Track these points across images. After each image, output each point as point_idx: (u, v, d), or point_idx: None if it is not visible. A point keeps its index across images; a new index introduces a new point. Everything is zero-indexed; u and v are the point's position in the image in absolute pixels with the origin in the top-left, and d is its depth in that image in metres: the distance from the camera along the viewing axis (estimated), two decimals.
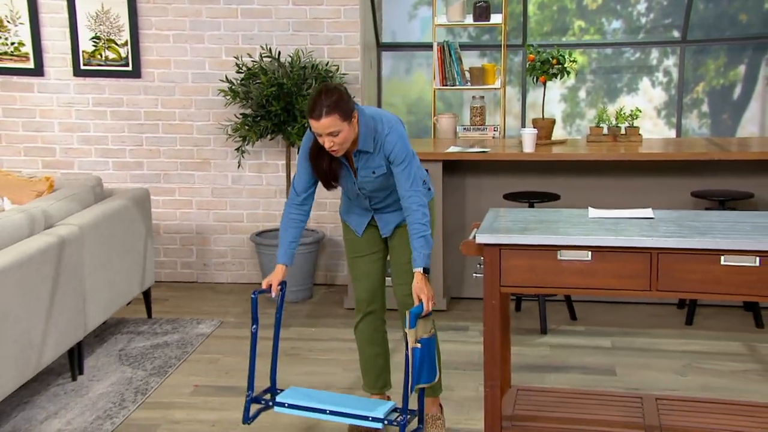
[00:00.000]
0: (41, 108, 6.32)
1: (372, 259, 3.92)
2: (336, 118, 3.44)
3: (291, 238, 3.75)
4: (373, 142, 3.61)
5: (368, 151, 3.62)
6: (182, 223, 6.39)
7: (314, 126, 3.48)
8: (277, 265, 3.73)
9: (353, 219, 3.92)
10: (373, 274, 3.93)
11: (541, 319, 5.29)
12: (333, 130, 3.45)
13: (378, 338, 3.99)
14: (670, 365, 4.75)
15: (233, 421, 4.13)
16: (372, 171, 3.67)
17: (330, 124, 3.44)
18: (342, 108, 3.45)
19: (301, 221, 3.76)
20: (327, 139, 3.48)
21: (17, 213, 4.36)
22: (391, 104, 6.76)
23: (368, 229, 3.91)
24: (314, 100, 3.46)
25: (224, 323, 5.53)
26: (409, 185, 3.59)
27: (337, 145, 3.50)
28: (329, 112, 3.42)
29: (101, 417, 4.19)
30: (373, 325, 3.97)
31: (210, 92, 6.20)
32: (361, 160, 3.66)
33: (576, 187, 5.71)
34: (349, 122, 3.49)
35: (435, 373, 3.64)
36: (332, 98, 3.45)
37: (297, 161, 3.78)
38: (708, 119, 6.65)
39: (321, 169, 3.67)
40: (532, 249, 3.18)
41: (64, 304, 4.41)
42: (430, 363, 3.60)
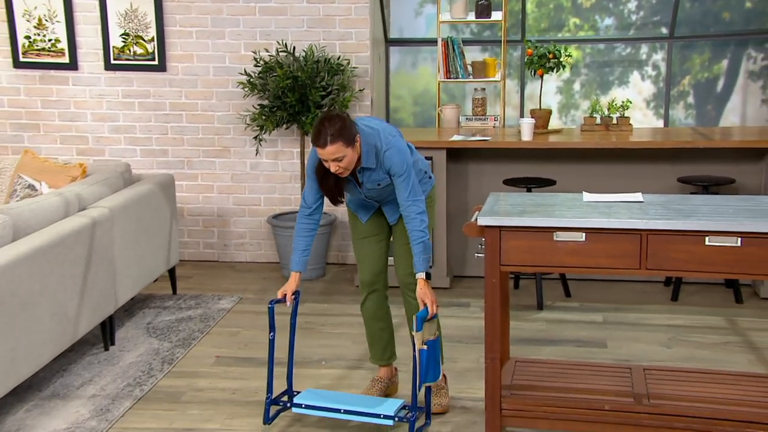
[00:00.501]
0: (75, 100, 6.33)
1: (375, 241, 3.91)
2: (340, 146, 3.42)
3: (303, 247, 3.75)
4: (375, 159, 3.59)
5: (371, 168, 3.61)
6: (204, 206, 6.41)
7: (320, 153, 3.46)
8: (291, 273, 3.75)
9: (360, 211, 3.91)
10: (375, 255, 3.92)
11: (537, 296, 5.29)
12: (338, 156, 3.44)
13: (382, 314, 4.00)
14: (657, 338, 4.76)
15: (252, 389, 4.16)
16: (377, 183, 3.67)
17: (335, 151, 3.42)
18: (345, 135, 3.42)
19: (312, 230, 3.76)
20: (333, 165, 3.48)
21: (54, 196, 4.38)
22: (398, 96, 6.75)
23: (372, 216, 3.91)
24: (318, 129, 3.43)
25: (243, 299, 5.55)
26: (407, 195, 3.57)
27: (342, 169, 3.50)
28: (333, 141, 3.40)
29: (131, 384, 4.22)
30: (377, 303, 3.98)
31: (230, 84, 6.19)
32: (365, 175, 3.65)
33: (571, 173, 5.71)
34: (353, 147, 3.47)
35: (439, 371, 3.68)
36: (335, 126, 3.41)
37: (306, 174, 3.75)
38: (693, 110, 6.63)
39: (327, 186, 3.66)
40: (530, 231, 3.19)
41: (97, 281, 4.43)
42: (435, 362, 3.63)
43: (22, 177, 5.03)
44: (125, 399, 4.05)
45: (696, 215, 3.16)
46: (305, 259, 3.76)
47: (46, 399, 4.07)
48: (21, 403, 4.03)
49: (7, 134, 6.40)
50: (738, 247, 3.04)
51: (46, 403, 4.03)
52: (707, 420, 3.20)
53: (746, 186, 5.57)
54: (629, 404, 3.29)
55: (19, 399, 4.07)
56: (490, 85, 6.34)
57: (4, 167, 5.38)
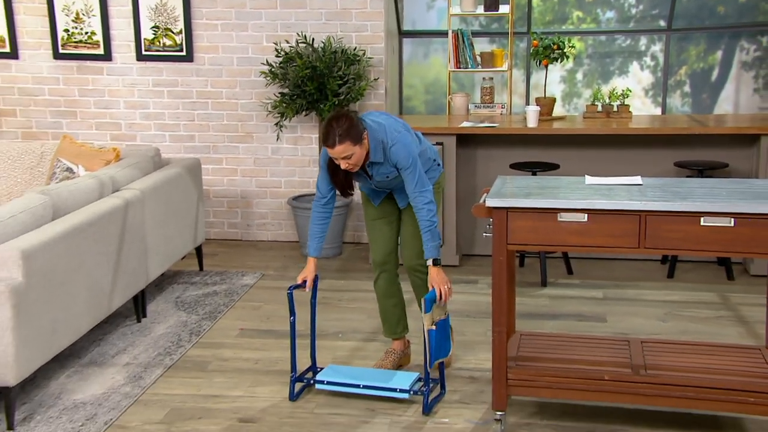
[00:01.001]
0: (109, 88, 6.34)
1: (386, 223, 3.91)
2: (348, 144, 3.42)
3: (319, 234, 3.77)
4: (382, 153, 3.58)
5: (379, 162, 3.60)
6: (228, 188, 6.42)
7: (329, 152, 3.46)
8: (308, 259, 3.75)
9: (371, 195, 3.91)
10: (386, 237, 3.92)
11: (541, 273, 5.29)
12: (346, 154, 3.44)
13: (394, 291, 4.01)
14: (653, 313, 4.75)
15: (273, 359, 4.18)
16: (386, 176, 3.67)
17: (343, 150, 3.42)
18: (352, 134, 3.41)
19: (327, 218, 3.76)
20: (342, 162, 3.48)
21: (89, 179, 4.39)
22: (411, 85, 6.72)
23: (384, 200, 3.91)
24: (327, 129, 3.42)
25: (265, 276, 5.57)
26: (414, 186, 3.56)
27: (351, 165, 3.51)
28: (341, 140, 3.40)
29: (162, 353, 4.26)
30: (389, 281, 3.98)
31: (252, 74, 6.19)
32: (374, 169, 3.65)
33: (574, 158, 5.68)
34: (360, 144, 3.46)
35: (449, 346, 3.70)
36: (343, 127, 3.40)
37: (319, 169, 3.73)
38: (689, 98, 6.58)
39: (338, 179, 3.67)
40: (536, 212, 3.18)
41: (129, 257, 4.46)
42: (445, 339, 3.65)
43: (60, 161, 5.05)
44: (156, 367, 4.08)
45: (692, 197, 3.15)
46: (321, 245, 3.79)
47: (85, 366, 4.11)
48: (62, 369, 4.07)
49: (48, 121, 6.43)
50: (731, 227, 3.03)
51: (85, 369, 4.07)
52: (700, 389, 3.20)
53: (739, 170, 5.53)
54: (627, 374, 3.29)
55: (60, 365, 4.11)
56: (497, 74, 6.30)
57: (45, 151, 5.41)
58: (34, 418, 3.58)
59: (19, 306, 3.42)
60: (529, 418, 3.53)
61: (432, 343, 3.50)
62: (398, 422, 3.52)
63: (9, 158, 5.41)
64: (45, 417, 3.59)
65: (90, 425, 3.51)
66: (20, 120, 6.44)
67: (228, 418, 3.57)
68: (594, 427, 3.44)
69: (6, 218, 3.64)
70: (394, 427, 3.48)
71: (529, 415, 3.55)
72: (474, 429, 3.45)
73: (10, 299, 3.37)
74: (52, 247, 3.68)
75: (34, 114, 6.43)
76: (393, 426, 3.48)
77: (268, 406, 3.68)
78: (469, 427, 3.47)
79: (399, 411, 3.61)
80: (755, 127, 5.31)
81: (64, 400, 3.74)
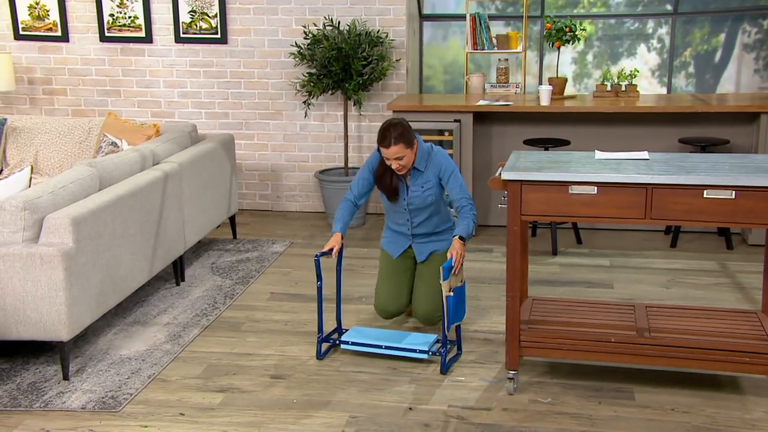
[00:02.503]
0: (150, 69, 6.35)
1: (402, 277, 3.96)
2: (402, 147, 3.62)
3: (347, 218, 3.85)
4: (425, 162, 3.76)
5: (421, 170, 3.77)
6: (260, 162, 6.43)
7: (384, 152, 3.65)
8: (334, 233, 3.79)
9: (392, 247, 3.99)
10: (401, 291, 3.96)
11: (552, 242, 5.27)
12: (399, 155, 3.64)
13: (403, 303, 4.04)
14: (657, 280, 4.73)
15: (302, 321, 4.21)
16: (421, 186, 3.78)
17: (397, 150, 3.62)
18: (406, 138, 3.64)
19: (354, 212, 3.88)
20: (395, 163, 3.67)
21: (132, 152, 4.42)
22: (431, 66, 6.68)
23: (402, 255, 3.98)
24: (384, 132, 3.63)
25: (294, 243, 5.60)
26: (459, 190, 3.74)
27: (401, 166, 3.69)
28: (396, 142, 3.61)
29: (199, 315, 4.30)
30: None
31: (282, 55, 6.17)
32: (414, 176, 3.79)
33: (584, 135, 5.64)
34: (411, 148, 3.67)
35: (464, 311, 3.75)
36: (398, 131, 3.62)
37: (359, 175, 3.88)
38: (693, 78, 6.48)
39: (386, 185, 3.81)
40: (548, 184, 3.16)
41: (168, 226, 4.49)
42: (461, 304, 3.66)
43: (106, 135, 5.09)
44: (194, 327, 4.13)
45: (695, 171, 3.12)
46: (346, 226, 3.86)
47: (129, 325, 4.17)
48: (109, 327, 4.13)
49: (95, 99, 6.46)
50: (732, 199, 3.00)
51: (130, 328, 4.13)
52: (700, 350, 3.19)
53: (740, 146, 5.46)
54: (633, 337, 3.29)
55: (107, 324, 4.17)
56: (512, 56, 6.24)
57: (92, 127, 5.45)
58: (85, 371, 3.64)
59: (70, 269, 3.46)
60: (540, 377, 3.54)
61: (450, 308, 3.52)
62: (417, 380, 3.54)
63: (60, 133, 5.46)
64: (95, 370, 3.65)
65: (135, 378, 3.57)
66: (70, 98, 6.48)
67: (260, 375, 3.61)
68: (601, 385, 3.45)
69: (58, 188, 3.67)
70: (414, 384, 3.50)
71: (540, 374, 3.57)
72: (488, 387, 3.47)
73: (62, 262, 3.42)
74: (98, 215, 3.72)
75: (83, 93, 6.46)
76: (413, 383, 3.51)
77: (296, 364, 3.72)
78: (484, 384, 3.49)
79: (418, 369, 3.63)
80: (755, 106, 5.23)
81: (111, 355, 3.80)
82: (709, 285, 4.64)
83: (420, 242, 3.94)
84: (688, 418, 3.19)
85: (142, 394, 3.45)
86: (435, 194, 3.82)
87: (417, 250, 3.96)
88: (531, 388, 3.45)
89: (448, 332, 3.58)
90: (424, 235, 3.93)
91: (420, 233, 3.92)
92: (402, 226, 3.93)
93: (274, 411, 3.29)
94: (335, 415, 3.26)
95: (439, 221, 3.90)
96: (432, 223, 3.89)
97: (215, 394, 3.44)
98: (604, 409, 3.26)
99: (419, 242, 3.94)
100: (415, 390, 3.46)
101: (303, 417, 3.25)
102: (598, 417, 3.21)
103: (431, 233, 3.93)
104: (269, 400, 3.39)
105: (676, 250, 5.31)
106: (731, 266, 4.95)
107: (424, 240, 3.94)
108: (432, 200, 3.82)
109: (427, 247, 3.92)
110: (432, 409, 3.30)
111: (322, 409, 3.30)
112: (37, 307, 3.45)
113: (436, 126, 5.55)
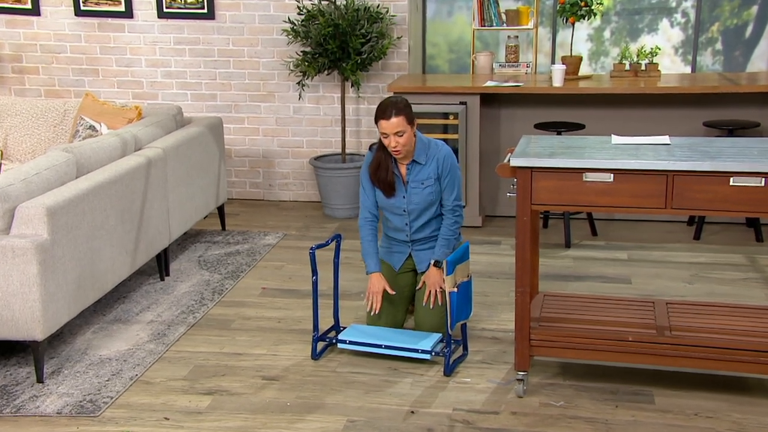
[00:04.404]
0: (131, 46, 6.35)
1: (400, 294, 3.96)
2: (402, 120, 3.65)
3: (375, 250, 3.90)
4: (425, 156, 3.79)
5: (421, 163, 3.79)
6: (250, 148, 6.44)
7: (384, 126, 3.67)
8: (373, 275, 3.85)
9: (394, 257, 4.01)
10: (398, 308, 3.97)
11: (565, 234, 5.28)
12: (399, 130, 3.65)
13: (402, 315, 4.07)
14: (679, 275, 4.74)
15: (296, 318, 4.23)
16: (421, 182, 3.81)
17: (398, 123, 3.64)
18: (407, 112, 3.67)
19: (376, 233, 3.93)
20: (393, 139, 3.67)
21: (112, 137, 4.43)
22: (434, 44, 6.67)
23: (404, 268, 3.99)
24: (385, 105, 3.69)
25: (287, 235, 5.61)
26: (454, 197, 3.83)
27: (400, 146, 3.69)
28: (398, 114, 3.64)
29: (185, 312, 4.32)
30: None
31: (274, 32, 6.16)
32: (413, 172, 3.81)
33: (600, 118, 5.63)
34: (412, 127, 3.70)
35: (471, 309, 3.75)
36: (400, 104, 3.67)
37: (361, 187, 3.94)
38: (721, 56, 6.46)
39: (381, 178, 3.83)
40: (560, 171, 3.16)
41: (152, 216, 4.50)
42: (468, 301, 3.67)
43: (83, 119, 5.09)
44: (180, 325, 4.14)
45: (721, 157, 3.11)
46: (379, 260, 3.90)
47: (110, 323, 4.18)
48: (88, 326, 4.15)
49: (70, 78, 6.46)
50: (761, 187, 3.00)
51: (110, 326, 4.14)
52: (726, 350, 3.20)
53: None
54: (652, 335, 3.30)
55: (86, 322, 4.19)
56: (523, 32, 6.23)
57: (68, 109, 5.45)
58: (61, 372, 3.65)
59: (44, 263, 3.47)
60: (552, 378, 3.55)
61: (453, 305, 3.53)
62: (420, 382, 3.55)
63: (33, 116, 5.46)
64: (72, 371, 3.67)
65: (116, 380, 3.58)
66: (42, 78, 6.48)
67: (251, 376, 3.63)
68: (617, 388, 3.46)
69: (31, 175, 3.68)
70: (416, 386, 3.52)
71: (552, 375, 3.58)
72: (496, 389, 3.49)
73: (36, 256, 3.43)
74: (76, 204, 3.72)
75: (57, 72, 6.46)
76: (415, 386, 3.52)
77: (290, 364, 3.73)
78: (491, 387, 3.50)
79: (421, 371, 3.65)
80: None
81: (90, 356, 3.82)
82: (736, 280, 4.65)
83: (420, 249, 3.95)
84: (712, 423, 3.20)
85: (123, 397, 3.46)
86: (437, 192, 3.83)
87: (417, 258, 3.97)
88: (542, 390, 3.46)
89: (453, 331, 3.59)
90: (423, 241, 3.94)
91: (419, 238, 3.93)
92: (400, 232, 3.94)
93: (265, 415, 3.31)
94: (332, 419, 3.27)
95: (439, 224, 3.91)
96: (432, 226, 3.91)
97: (202, 396, 3.46)
98: (621, 414, 3.27)
99: (419, 249, 3.96)
100: (417, 392, 3.47)
101: (297, 421, 3.26)
102: (614, 422, 3.22)
103: (431, 238, 3.93)
104: (261, 403, 3.40)
105: (700, 243, 5.31)
106: (761, 260, 4.96)
107: (423, 246, 3.94)
108: (433, 198, 3.84)
109: (427, 255, 3.93)
110: (435, 412, 3.31)
111: (318, 413, 3.31)
112: (9, 304, 3.46)
113: (440, 109, 5.55)
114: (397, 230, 3.95)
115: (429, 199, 3.84)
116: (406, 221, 3.89)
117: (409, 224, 3.90)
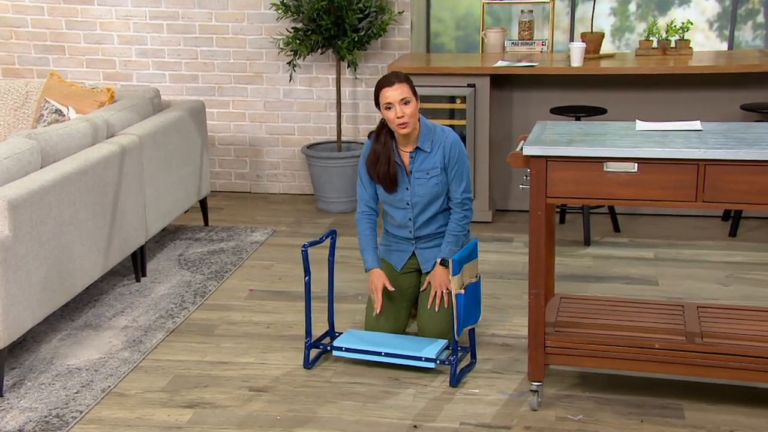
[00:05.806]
0: (101, 21, 6.35)
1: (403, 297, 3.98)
2: (407, 87, 3.71)
3: (374, 245, 3.94)
4: (431, 143, 3.81)
5: (426, 150, 3.81)
6: (236, 135, 6.45)
7: (388, 94, 3.71)
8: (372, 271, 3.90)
9: (394, 255, 4.03)
10: (401, 312, 3.98)
11: (584, 230, 5.28)
12: (405, 97, 3.69)
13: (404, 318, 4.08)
14: (712, 276, 4.75)
15: (287, 323, 4.24)
16: (426, 172, 3.83)
17: (403, 91, 3.70)
18: (410, 82, 3.75)
19: (375, 227, 3.96)
20: (399, 108, 3.69)
21: (81, 122, 4.43)
22: (440, 19, 6.67)
23: (406, 267, 4.01)
24: (387, 75, 3.76)
25: (277, 231, 5.62)
26: (463, 189, 3.84)
27: (407, 116, 3.71)
28: (401, 81, 3.71)
29: (164, 316, 4.32)
30: None
31: (262, 6, 6.16)
32: (417, 161, 3.83)
33: (623, 101, 5.64)
34: (416, 99, 3.75)
35: (480, 313, 3.76)
36: (402, 75, 3.76)
37: (358, 179, 3.97)
38: (763, 30, 6.43)
39: (381, 171, 3.84)
40: (579, 161, 3.16)
41: (126, 210, 4.51)
42: (476, 304, 3.67)
43: (48, 101, 5.09)
44: (157, 331, 4.15)
45: (760, 144, 3.11)
46: (377, 255, 3.94)
47: (79, 329, 4.19)
48: (54, 333, 4.15)
49: (32, 56, 6.45)
50: None
51: (79, 333, 4.15)
52: (763, 359, 3.20)
53: None
54: (681, 343, 3.30)
55: (52, 328, 4.19)
56: (538, 6, 6.23)
57: (30, 91, 5.45)
58: (24, 384, 3.66)
59: (5, 262, 3.48)
60: (570, 389, 3.56)
61: (460, 308, 3.53)
62: (424, 393, 3.56)
63: None
64: (36, 383, 3.67)
65: (86, 392, 3.59)
66: (0, 55, 6.47)
67: (237, 387, 3.63)
68: (643, 401, 3.47)
69: None
70: (420, 398, 3.53)
71: (570, 386, 3.58)
72: (508, 401, 3.49)
73: None
74: (41, 197, 3.73)
75: (16, 48, 6.46)
76: (418, 397, 3.53)
77: (280, 374, 3.74)
78: (503, 399, 3.51)
79: (425, 381, 3.66)
80: None
81: (56, 366, 3.82)
82: None
83: (424, 247, 3.96)
84: None
85: (94, 411, 3.47)
86: (443, 183, 3.84)
87: (422, 257, 3.98)
88: (559, 402, 3.47)
89: (460, 337, 3.60)
90: (429, 238, 3.95)
91: (424, 235, 3.94)
92: (403, 228, 3.95)
93: (253, 430, 3.32)
94: None
95: (446, 220, 3.92)
96: (438, 221, 3.91)
97: (183, 410, 3.46)
98: (647, 429, 3.28)
99: (423, 247, 3.97)
100: (420, 405, 3.47)
101: None
102: None
103: (437, 234, 3.94)
104: (248, 416, 3.41)
105: (736, 240, 5.32)
106: None
107: (429, 244, 3.95)
108: (439, 190, 3.85)
109: (432, 253, 3.94)
110: (440, 426, 3.32)
111: (311, 427, 3.32)
112: None
113: (446, 92, 5.55)
114: (399, 226, 3.96)
115: (435, 191, 3.84)
116: (410, 216, 3.90)
117: (412, 219, 3.90)
